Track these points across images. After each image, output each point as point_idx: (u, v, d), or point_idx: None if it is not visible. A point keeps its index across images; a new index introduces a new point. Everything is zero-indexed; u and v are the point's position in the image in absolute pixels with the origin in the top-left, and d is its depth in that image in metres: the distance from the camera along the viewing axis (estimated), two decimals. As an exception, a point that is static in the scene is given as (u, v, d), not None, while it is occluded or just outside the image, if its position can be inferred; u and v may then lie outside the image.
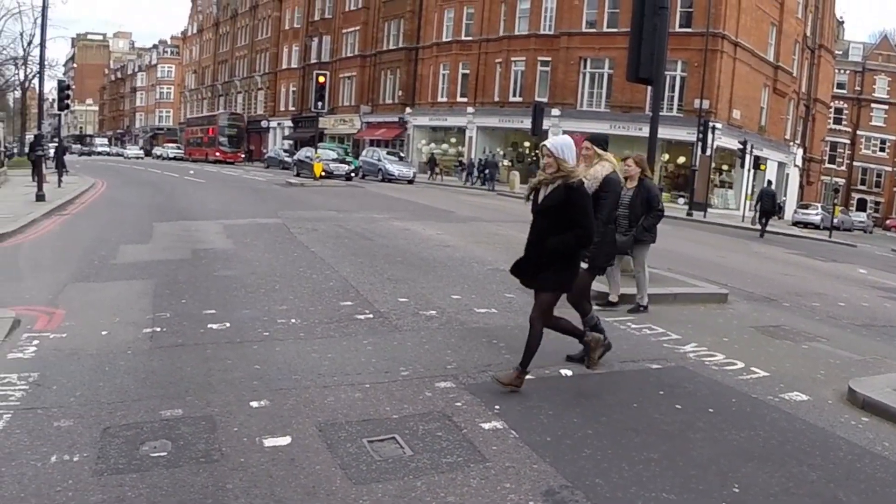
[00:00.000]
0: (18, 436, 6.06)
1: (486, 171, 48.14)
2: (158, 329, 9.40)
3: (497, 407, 6.83)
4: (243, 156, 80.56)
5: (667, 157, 48.02)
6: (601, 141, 9.00)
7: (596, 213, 7.85)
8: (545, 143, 7.37)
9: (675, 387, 7.81)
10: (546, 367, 8.01)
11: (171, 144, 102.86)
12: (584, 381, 7.77)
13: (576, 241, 7.05)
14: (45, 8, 31.13)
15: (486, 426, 6.39)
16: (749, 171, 45.40)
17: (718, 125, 44.39)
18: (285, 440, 6.02)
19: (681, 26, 45.13)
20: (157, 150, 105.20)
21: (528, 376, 7.59)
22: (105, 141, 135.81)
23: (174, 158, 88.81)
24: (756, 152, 45.38)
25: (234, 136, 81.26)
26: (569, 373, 7.99)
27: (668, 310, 11.75)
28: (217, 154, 78.68)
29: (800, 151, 65.95)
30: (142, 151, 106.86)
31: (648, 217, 11.43)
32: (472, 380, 7.62)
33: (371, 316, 10.23)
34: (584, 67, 49.99)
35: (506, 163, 50.01)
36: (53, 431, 6.17)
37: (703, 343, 9.73)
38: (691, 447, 6.25)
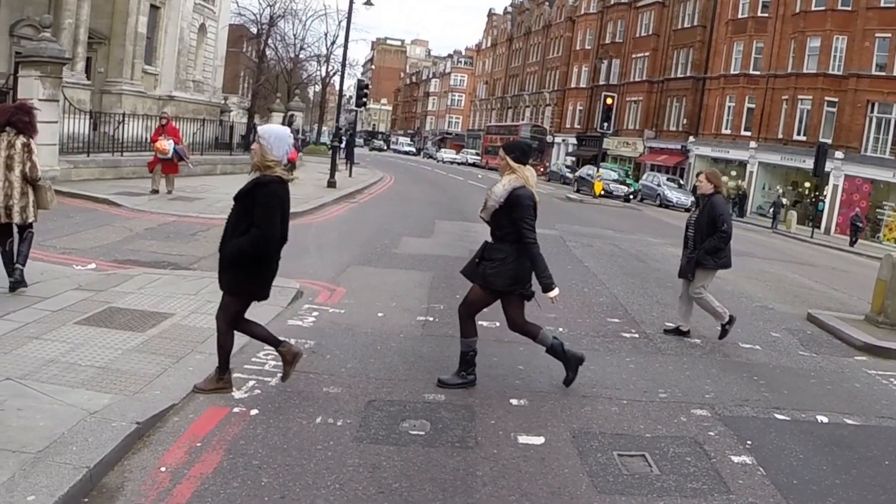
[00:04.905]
0: (289, 394, 6.82)
1: (772, 210, 46.65)
2: (431, 318, 10.08)
3: (749, 442, 6.78)
4: (542, 169, 78.75)
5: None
6: (519, 149, 7.72)
7: (524, 234, 7.24)
8: (260, 127, 6.69)
9: (932, 450, 7.26)
10: (803, 411, 7.90)
11: (470, 150, 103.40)
12: (839, 430, 7.48)
13: (250, 245, 6.24)
14: (350, 12, 33.66)
15: (736, 459, 6.36)
16: None
17: None
18: (539, 440, 6.35)
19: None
20: (442, 154, 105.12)
21: (780, 416, 7.61)
22: (408, 140, 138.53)
23: (473, 164, 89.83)
24: None
25: (535, 148, 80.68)
26: (825, 419, 7.73)
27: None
28: None
29: None
30: (458, 157, 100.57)
31: (712, 238, 10.28)
32: (728, 412, 7.61)
33: (636, 336, 10.43)
34: (872, 111, 47.12)
35: (785, 201, 48.25)
36: (322, 395, 6.88)
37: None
38: (939, 515, 5.88)
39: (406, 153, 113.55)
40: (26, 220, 9.18)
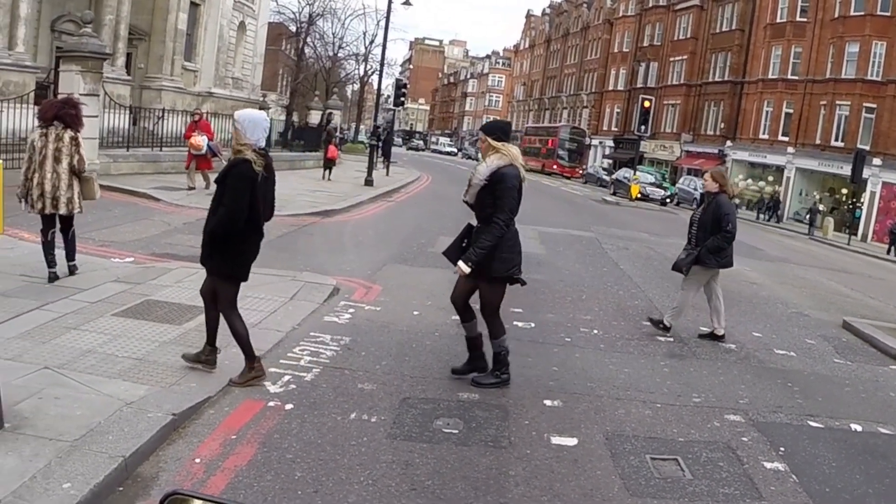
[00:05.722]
0: (324, 390, 6.87)
1: (809, 217, 46.18)
2: (467, 318, 10.07)
3: (782, 449, 6.72)
4: (581, 172, 76.53)
5: None
6: (499, 129, 7.58)
7: (496, 213, 7.14)
8: (236, 112, 6.93)
9: (968, 461, 7.16)
10: (837, 419, 7.83)
11: None
12: (873, 439, 7.39)
13: (218, 224, 6.40)
14: (388, 12, 33.73)
15: (768, 465, 6.31)
16: None
17: None
18: (572, 441, 6.34)
19: None
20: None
21: (822, 423, 7.53)
22: (448, 140, 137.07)
23: None
24: None
25: (574, 150, 78.66)
26: (859, 428, 7.64)
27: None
28: (554, 167, 76.18)
29: None
30: None
31: (716, 237, 10.27)
32: (762, 418, 7.55)
33: (671, 340, 10.38)
34: (910, 118, 46.70)
35: (822, 208, 47.76)
36: (357, 392, 6.92)
37: None
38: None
39: (447, 153, 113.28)
40: (72, 211, 9.40)
